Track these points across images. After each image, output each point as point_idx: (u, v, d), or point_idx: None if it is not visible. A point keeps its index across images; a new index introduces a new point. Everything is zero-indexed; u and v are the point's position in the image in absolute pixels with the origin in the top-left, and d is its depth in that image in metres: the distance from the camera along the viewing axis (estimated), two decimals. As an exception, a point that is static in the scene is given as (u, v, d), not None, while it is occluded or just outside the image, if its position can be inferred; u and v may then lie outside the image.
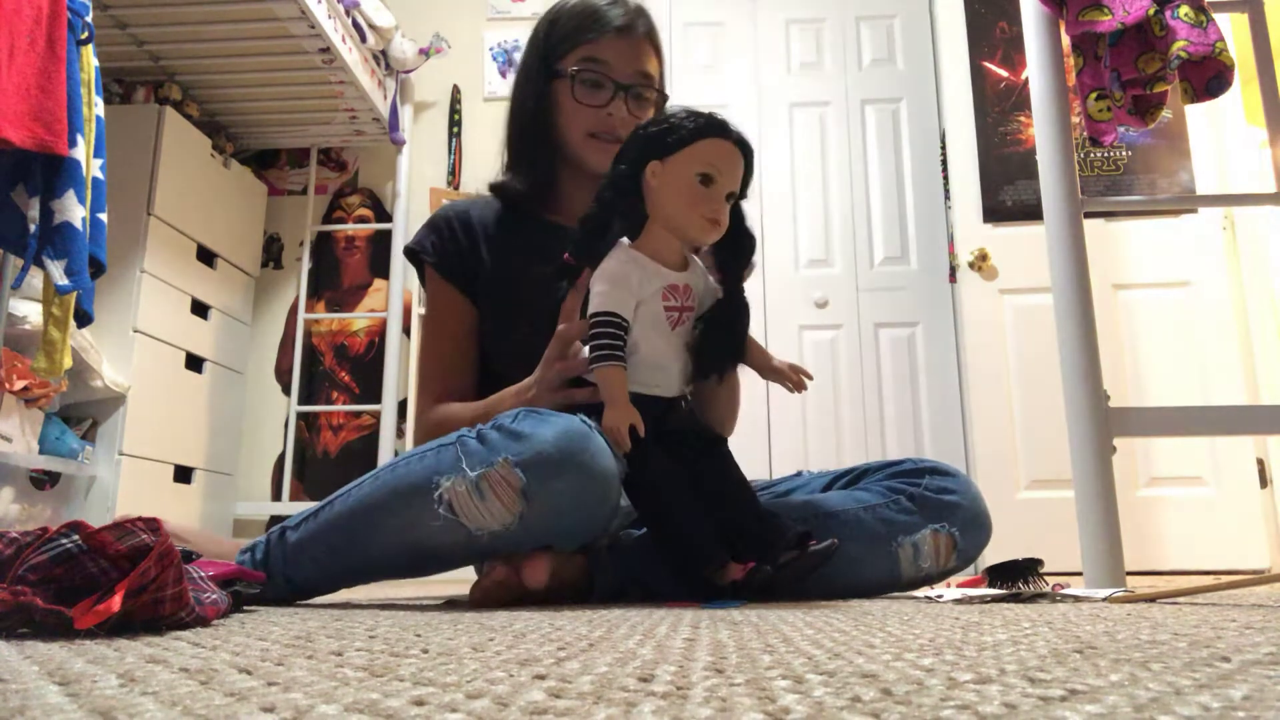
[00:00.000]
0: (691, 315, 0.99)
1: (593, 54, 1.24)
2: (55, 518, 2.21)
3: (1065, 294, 1.35)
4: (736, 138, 0.96)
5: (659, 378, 0.98)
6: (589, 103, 1.24)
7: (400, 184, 3.16)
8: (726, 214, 0.96)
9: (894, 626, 0.63)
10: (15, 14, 1.53)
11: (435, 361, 1.28)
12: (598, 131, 1.24)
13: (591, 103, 1.24)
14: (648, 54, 1.27)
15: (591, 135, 1.24)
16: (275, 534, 1.05)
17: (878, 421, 3.00)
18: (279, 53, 2.65)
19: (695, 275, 1.01)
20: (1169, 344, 2.75)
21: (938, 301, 3.07)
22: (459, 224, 1.29)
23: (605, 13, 1.25)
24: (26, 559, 0.60)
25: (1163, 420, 1.41)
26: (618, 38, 1.24)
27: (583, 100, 1.24)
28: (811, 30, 3.32)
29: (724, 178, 0.95)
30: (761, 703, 0.31)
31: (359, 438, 3.06)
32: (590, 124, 1.24)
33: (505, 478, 0.89)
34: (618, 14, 1.25)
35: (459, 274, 1.27)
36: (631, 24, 1.25)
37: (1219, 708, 0.29)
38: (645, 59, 1.26)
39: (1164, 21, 1.29)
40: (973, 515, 1.14)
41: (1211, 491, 2.64)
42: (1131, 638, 0.53)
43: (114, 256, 2.10)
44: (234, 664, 0.44)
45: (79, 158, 1.66)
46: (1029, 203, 2.88)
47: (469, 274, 1.27)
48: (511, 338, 1.24)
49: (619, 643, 0.53)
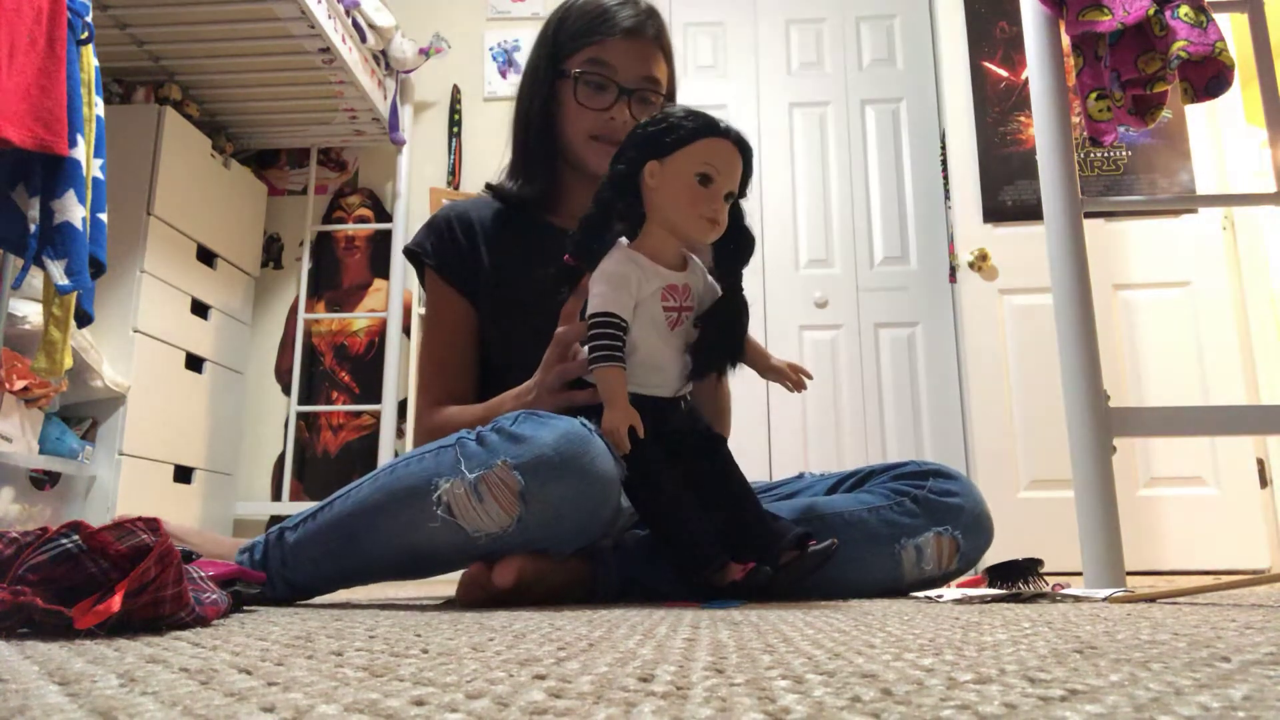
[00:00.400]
0: (690, 315, 0.99)
1: (598, 56, 1.22)
2: (55, 518, 2.21)
3: (1065, 294, 1.35)
4: (735, 137, 0.96)
5: (658, 378, 0.98)
6: (591, 105, 1.23)
7: (400, 184, 3.16)
8: (725, 213, 0.96)
9: (894, 626, 0.63)
10: (15, 14, 1.53)
11: (435, 364, 1.27)
12: (599, 134, 1.23)
13: (594, 106, 1.23)
14: (655, 58, 1.25)
15: (593, 138, 1.23)
16: (274, 535, 1.04)
17: (878, 421, 3.00)
18: (279, 53, 2.65)
19: (694, 275, 1.00)
20: (1169, 344, 2.74)
21: (938, 301, 3.07)
22: (459, 225, 1.28)
23: (614, 13, 1.23)
24: (26, 559, 0.60)
25: (1163, 420, 1.41)
26: (625, 39, 1.22)
27: (585, 103, 1.23)
28: (811, 30, 3.32)
29: (722, 177, 0.95)
30: (761, 703, 0.31)
31: (359, 438, 3.06)
32: (592, 126, 1.23)
33: (504, 480, 0.89)
34: (627, 15, 1.23)
35: (458, 275, 1.26)
36: (640, 26, 1.23)
37: (1219, 708, 0.29)
38: (652, 63, 1.24)
39: (1164, 21, 1.29)
40: (975, 518, 1.14)
41: (1211, 491, 2.64)
42: (1131, 638, 0.53)
43: (114, 256, 2.10)
44: (234, 664, 0.44)
45: (79, 158, 1.66)
46: (1029, 203, 2.88)
47: (468, 275, 1.26)
48: (512, 340, 1.24)
49: (619, 643, 0.53)
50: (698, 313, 0.99)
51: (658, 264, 0.97)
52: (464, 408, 1.20)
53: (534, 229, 1.28)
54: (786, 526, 0.94)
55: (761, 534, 0.93)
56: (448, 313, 1.27)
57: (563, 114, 1.25)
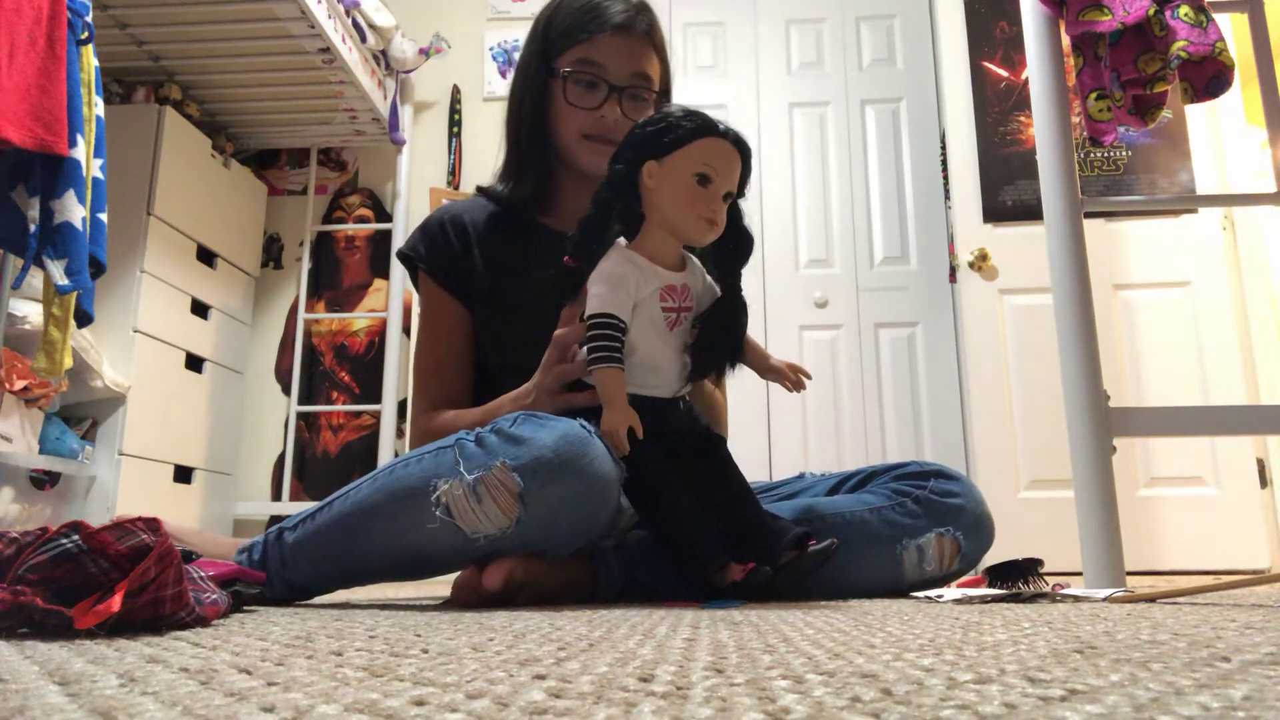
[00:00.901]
0: (689, 315, 0.99)
1: (588, 54, 1.21)
2: (55, 518, 2.21)
3: (1065, 294, 1.35)
4: (733, 137, 0.96)
5: (657, 378, 0.98)
6: (581, 104, 1.21)
7: (400, 184, 3.16)
8: (724, 214, 0.96)
9: (894, 626, 0.63)
10: (15, 14, 1.53)
11: (430, 367, 1.26)
12: (591, 133, 1.22)
13: (584, 105, 1.21)
14: (647, 54, 1.24)
15: (585, 137, 1.22)
16: (273, 535, 1.04)
17: (878, 421, 3.00)
18: (279, 53, 2.65)
19: (693, 275, 1.00)
20: (1169, 344, 2.74)
21: (938, 301, 3.07)
22: (452, 228, 1.27)
23: (604, 9, 1.22)
24: (26, 559, 0.60)
25: (1163, 420, 1.41)
26: (615, 36, 1.21)
27: (575, 102, 1.21)
28: (811, 30, 3.32)
29: (721, 177, 0.94)
30: (761, 703, 0.31)
31: (359, 438, 3.06)
32: (583, 125, 1.21)
33: (502, 482, 0.89)
34: (617, 11, 1.22)
35: (452, 278, 1.25)
36: (630, 22, 1.22)
37: (1219, 708, 0.29)
38: (644, 59, 1.23)
39: (1164, 21, 1.29)
40: (976, 519, 1.14)
41: (1211, 491, 2.64)
42: (1131, 638, 0.53)
43: (114, 256, 2.10)
44: (234, 664, 0.44)
45: (79, 158, 1.66)
46: (1029, 203, 2.88)
47: (462, 278, 1.25)
48: (506, 343, 1.23)
49: (619, 643, 0.53)
50: (697, 313, 0.99)
51: (656, 264, 0.97)
52: (461, 411, 1.20)
53: (528, 230, 1.27)
54: (786, 526, 0.94)
55: (761, 534, 0.93)
56: (442, 316, 1.26)
57: (554, 113, 1.24)
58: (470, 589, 0.96)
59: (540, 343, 1.06)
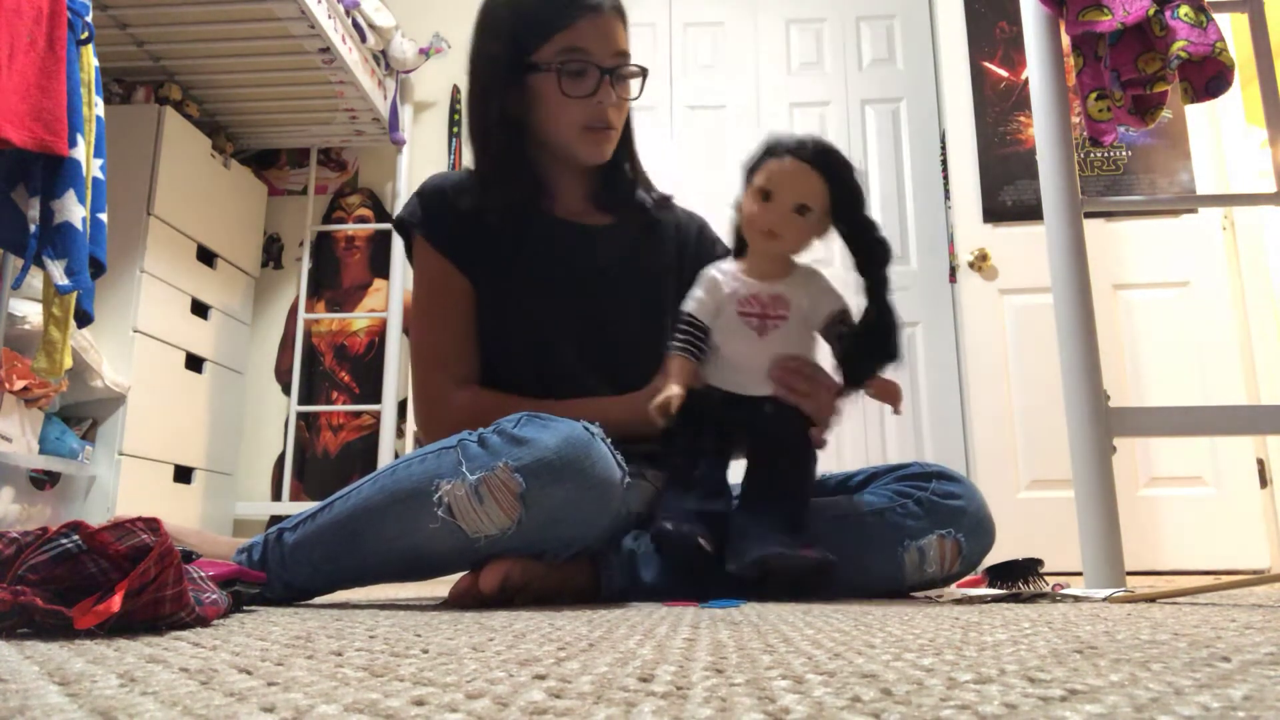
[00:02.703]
0: (783, 323, 1.05)
1: (571, 42, 1.17)
2: (55, 518, 2.21)
3: (1065, 294, 1.35)
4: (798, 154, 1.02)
5: (739, 377, 1.05)
6: (577, 94, 1.17)
7: (400, 184, 3.16)
8: (789, 225, 1.03)
9: (894, 626, 0.63)
10: (15, 14, 1.53)
11: (448, 338, 1.19)
12: (592, 123, 1.19)
13: (579, 93, 1.18)
14: (620, 29, 1.21)
15: (586, 128, 1.19)
16: (272, 535, 1.04)
17: (878, 421, 3.00)
18: (279, 53, 2.65)
19: (793, 286, 1.07)
20: (1169, 344, 2.74)
21: (938, 301, 3.07)
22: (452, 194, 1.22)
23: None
24: (27, 559, 0.60)
25: (1163, 420, 1.41)
26: (591, 19, 1.17)
27: (570, 92, 1.17)
28: (811, 30, 3.32)
29: (782, 192, 1.02)
30: (761, 703, 0.31)
31: (359, 438, 3.05)
32: (583, 116, 1.19)
33: (505, 482, 0.89)
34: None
35: (455, 247, 1.20)
36: (600, 2, 1.18)
37: (1219, 708, 0.29)
38: (619, 36, 1.20)
39: (1164, 21, 1.29)
40: (978, 521, 1.14)
41: (1211, 491, 2.64)
42: (1131, 638, 0.53)
43: (114, 256, 2.10)
44: (234, 664, 0.44)
45: (79, 158, 1.66)
46: (1029, 203, 2.87)
47: (464, 246, 1.20)
48: (509, 334, 1.21)
49: (619, 643, 0.53)
50: (816, 324, 1.07)
51: (750, 276, 1.06)
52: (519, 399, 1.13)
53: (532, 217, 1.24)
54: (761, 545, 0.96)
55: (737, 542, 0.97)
56: (451, 282, 1.20)
57: (543, 109, 1.19)
58: (469, 595, 0.96)
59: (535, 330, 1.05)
